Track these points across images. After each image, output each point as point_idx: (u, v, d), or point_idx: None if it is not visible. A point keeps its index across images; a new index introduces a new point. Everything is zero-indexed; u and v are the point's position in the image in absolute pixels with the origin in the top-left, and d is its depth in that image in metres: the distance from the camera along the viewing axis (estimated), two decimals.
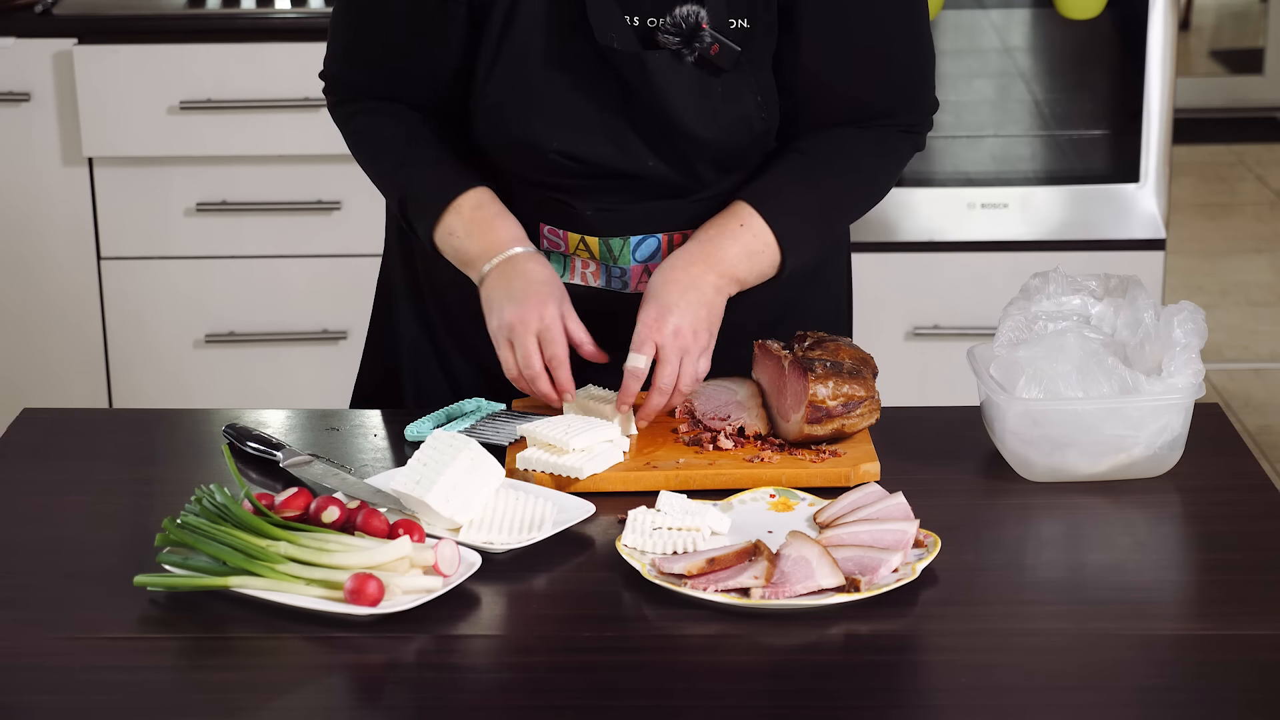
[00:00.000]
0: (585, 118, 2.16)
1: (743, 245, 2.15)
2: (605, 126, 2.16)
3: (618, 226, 2.22)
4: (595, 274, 2.25)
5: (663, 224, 2.22)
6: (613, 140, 2.17)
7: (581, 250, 2.24)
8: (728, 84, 2.15)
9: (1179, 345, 2.08)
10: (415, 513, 1.96)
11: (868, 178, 2.26)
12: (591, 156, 2.17)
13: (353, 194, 3.81)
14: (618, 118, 2.16)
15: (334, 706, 1.72)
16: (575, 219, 2.22)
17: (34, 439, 2.23)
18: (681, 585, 1.84)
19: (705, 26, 2.11)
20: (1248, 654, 1.76)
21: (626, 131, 2.16)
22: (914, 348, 3.93)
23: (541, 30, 2.13)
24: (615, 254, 2.23)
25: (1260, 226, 6.00)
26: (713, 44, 2.11)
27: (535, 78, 2.15)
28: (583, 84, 2.15)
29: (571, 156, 2.17)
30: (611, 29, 2.12)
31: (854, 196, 2.26)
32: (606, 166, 2.18)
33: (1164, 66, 3.80)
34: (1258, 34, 7.25)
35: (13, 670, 1.76)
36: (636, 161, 2.18)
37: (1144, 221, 3.87)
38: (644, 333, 2.10)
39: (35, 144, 3.78)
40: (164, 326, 3.88)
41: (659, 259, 2.23)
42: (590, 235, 2.22)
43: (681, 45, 2.11)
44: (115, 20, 3.78)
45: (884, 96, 2.22)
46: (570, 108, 2.16)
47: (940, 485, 2.08)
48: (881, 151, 2.24)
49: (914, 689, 1.73)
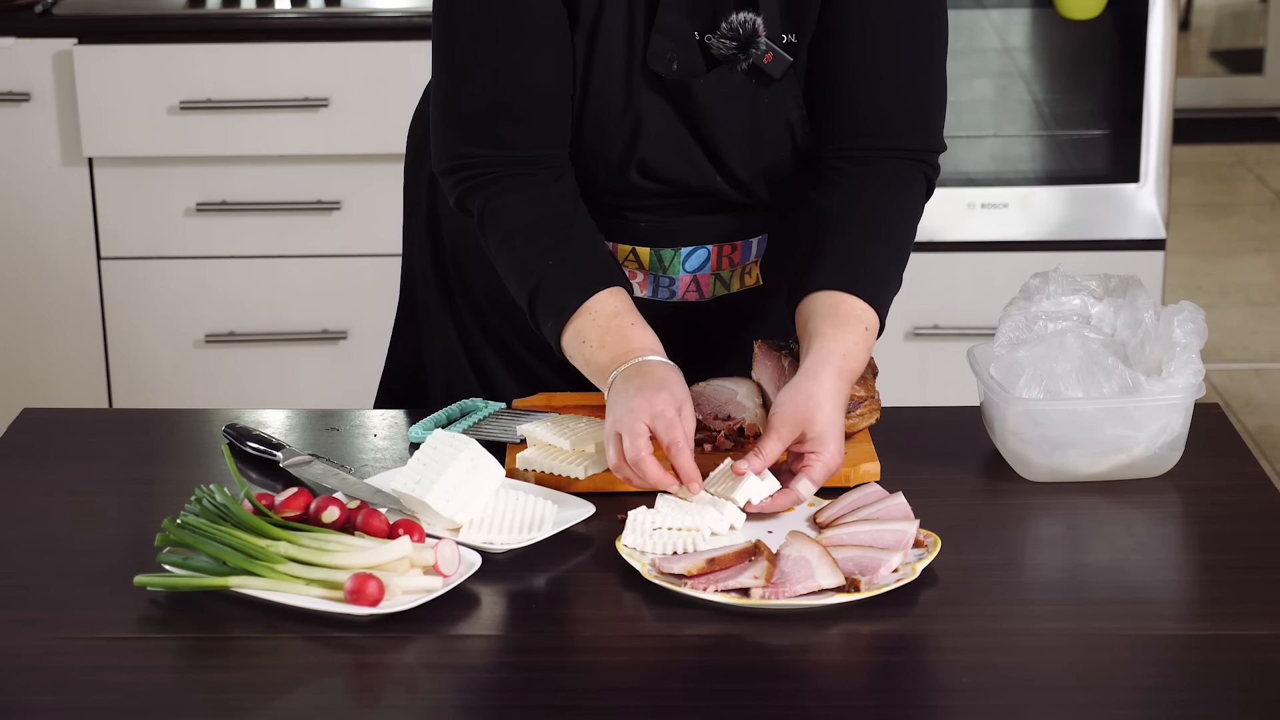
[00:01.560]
0: (658, 135, 2.16)
1: (865, 345, 2.08)
2: (678, 145, 2.17)
3: (669, 238, 2.23)
4: (643, 285, 2.26)
5: (714, 235, 2.24)
6: (686, 157, 2.17)
7: (630, 260, 2.24)
8: (774, 96, 2.15)
9: (1179, 345, 2.08)
10: (415, 513, 1.96)
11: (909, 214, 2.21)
12: (667, 173, 2.18)
13: (353, 194, 3.80)
14: (686, 136, 2.17)
15: (334, 706, 1.72)
16: (629, 230, 2.23)
17: (34, 439, 2.23)
18: (681, 585, 1.84)
19: (761, 34, 2.11)
20: (1248, 654, 1.76)
21: (694, 149, 2.17)
22: (914, 348, 3.93)
23: (621, 48, 2.13)
24: (665, 264, 2.24)
25: (1260, 226, 6.00)
26: (766, 52, 2.12)
27: (613, 98, 2.15)
28: (654, 104, 2.15)
29: (649, 173, 2.18)
30: (670, 52, 2.12)
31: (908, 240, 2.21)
32: (678, 182, 2.18)
33: (1164, 66, 3.80)
34: (1258, 34, 7.25)
35: (13, 670, 1.76)
36: (705, 178, 2.19)
37: (1144, 221, 3.87)
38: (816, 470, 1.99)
39: (35, 144, 3.78)
40: (164, 326, 3.88)
41: (708, 269, 2.24)
42: (641, 245, 2.23)
43: (737, 51, 2.11)
44: (115, 20, 3.77)
45: (896, 118, 2.18)
46: (645, 127, 2.16)
47: (940, 485, 2.08)
48: (904, 186, 2.19)
49: (914, 689, 1.73)
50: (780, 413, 1.99)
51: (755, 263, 2.28)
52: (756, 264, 2.28)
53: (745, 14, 2.11)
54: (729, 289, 2.28)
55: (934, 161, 2.22)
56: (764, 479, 1.97)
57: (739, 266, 2.27)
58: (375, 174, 3.78)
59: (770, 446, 1.98)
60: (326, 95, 3.73)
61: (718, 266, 2.25)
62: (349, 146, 3.77)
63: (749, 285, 2.29)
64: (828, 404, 2.00)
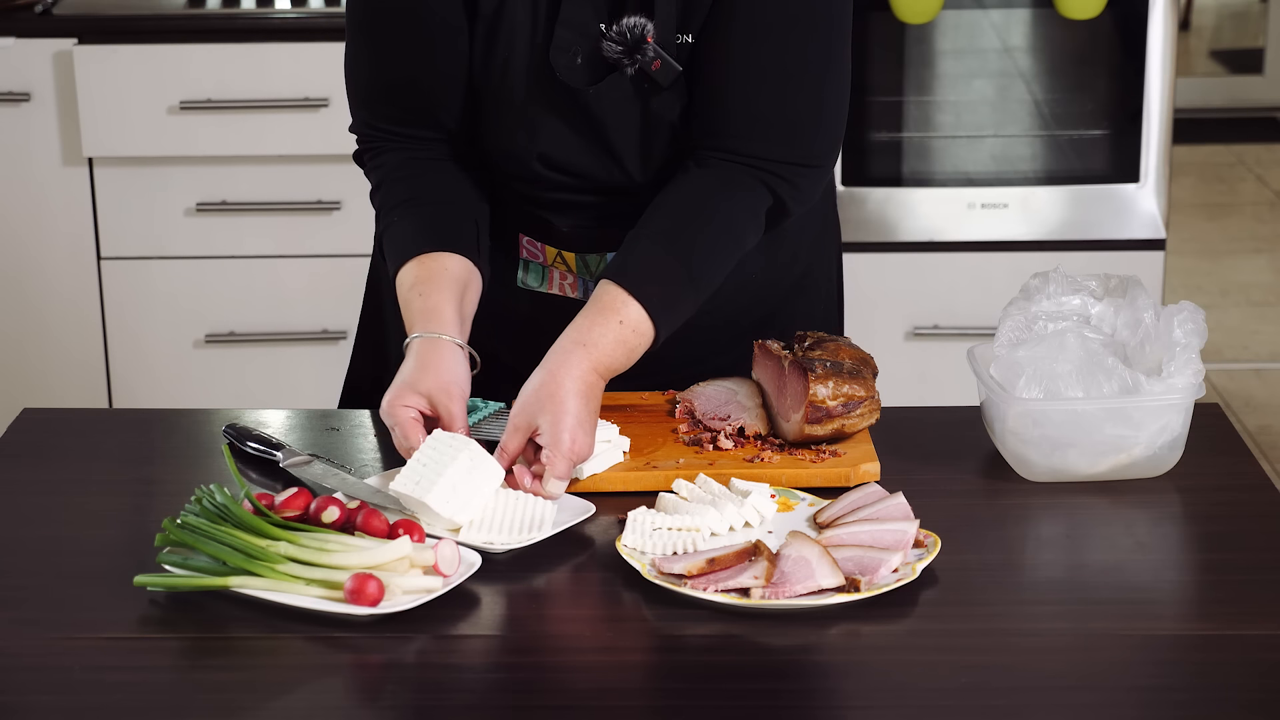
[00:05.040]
0: (562, 129, 2.16)
1: (616, 337, 2.06)
2: (583, 137, 2.17)
3: (593, 244, 2.24)
4: (573, 286, 2.27)
5: None
6: (590, 151, 2.18)
7: (559, 263, 2.26)
8: (664, 101, 2.15)
9: (1179, 345, 2.08)
10: (415, 513, 1.96)
11: (725, 227, 2.14)
12: (572, 165, 2.18)
13: (353, 194, 3.81)
14: (589, 130, 2.16)
15: (334, 706, 1.72)
16: (553, 234, 2.24)
17: (34, 439, 2.23)
18: (681, 585, 1.84)
19: (650, 40, 2.10)
20: (1248, 654, 1.76)
21: (597, 142, 2.17)
22: (914, 348, 3.93)
23: (524, 40, 2.13)
24: (591, 269, 2.25)
25: (1260, 226, 6.00)
26: (655, 59, 2.11)
27: (518, 91, 2.15)
28: (557, 101, 2.15)
29: (552, 164, 2.18)
30: (577, 44, 2.11)
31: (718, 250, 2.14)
32: (586, 175, 2.19)
33: (1164, 66, 3.80)
34: (1258, 34, 7.25)
35: (13, 670, 1.76)
36: (610, 170, 2.19)
37: (1144, 221, 3.87)
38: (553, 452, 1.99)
39: (35, 144, 3.78)
40: (164, 326, 3.88)
41: None
42: (567, 250, 2.23)
43: (623, 55, 2.11)
44: (115, 20, 3.78)
45: (745, 124, 2.12)
46: (549, 119, 2.16)
47: (940, 485, 2.08)
48: (733, 196, 2.14)
49: (914, 689, 1.73)
50: (516, 405, 2.03)
51: None
52: None
53: (636, 18, 2.09)
54: None
55: (788, 175, 2.13)
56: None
57: None
58: None
59: (507, 440, 2.01)
60: (326, 95, 3.73)
61: None
62: (349, 146, 3.74)
63: None
64: (558, 392, 2.01)
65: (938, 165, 3.91)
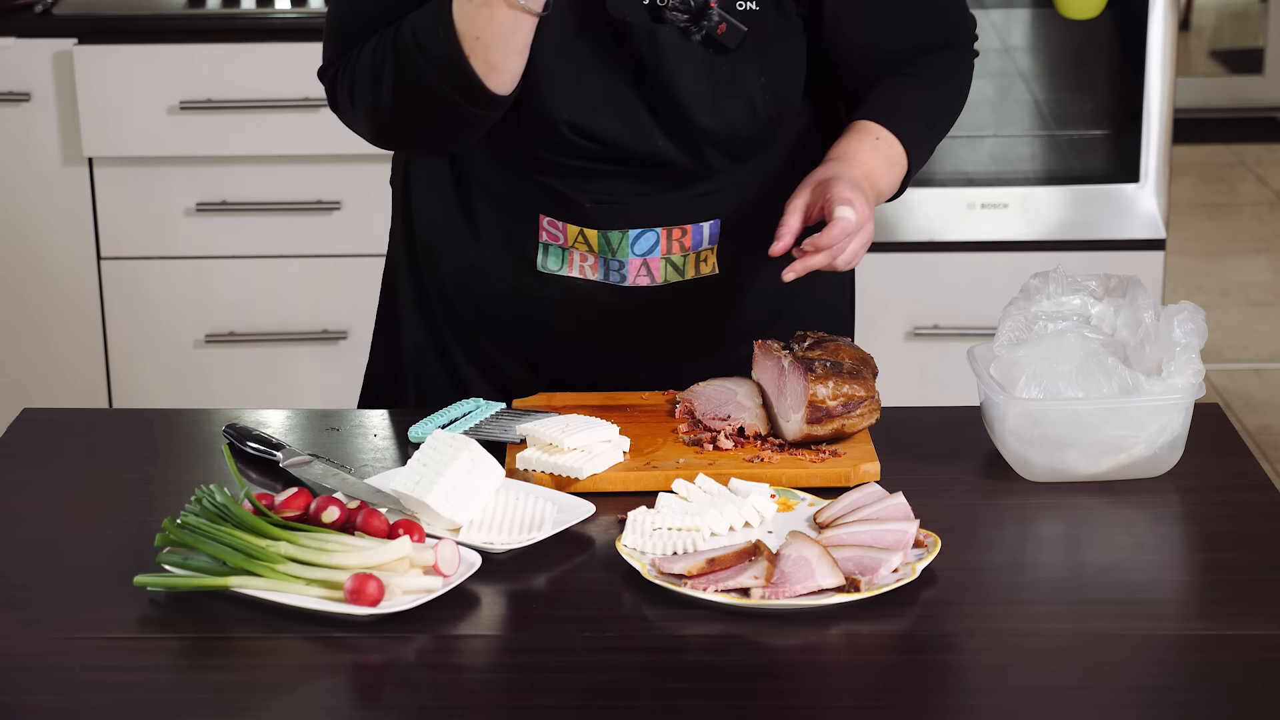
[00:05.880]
0: (597, 92, 2.16)
1: (883, 157, 2.19)
2: (616, 102, 2.16)
3: (616, 219, 2.22)
4: (594, 267, 2.25)
5: (662, 218, 2.23)
6: (623, 117, 2.17)
7: (580, 243, 2.24)
8: (733, 66, 2.16)
9: (1179, 345, 2.08)
10: (415, 513, 1.96)
11: (957, 87, 2.32)
12: (600, 132, 2.17)
13: (353, 194, 3.81)
14: (629, 95, 2.16)
15: (334, 706, 1.72)
16: (575, 210, 2.23)
17: (34, 439, 2.23)
18: (681, 585, 1.84)
19: (713, 5, 2.11)
20: (1248, 654, 1.76)
21: (637, 109, 2.17)
22: (914, 348, 3.93)
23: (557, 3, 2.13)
24: (614, 247, 2.23)
25: (1260, 226, 6.00)
26: (720, 23, 2.12)
27: (548, 50, 2.14)
28: (596, 59, 2.15)
29: (581, 130, 2.17)
30: (625, 3, 2.12)
31: (951, 104, 2.32)
32: (615, 144, 2.18)
33: (1164, 66, 3.80)
34: (1258, 34, 7.25)
35: (13, 670, 1.76)
36: (645, 141, 2.18)
37: (1144, 221, 3.87)
38: (849, 193, 2.08)
39: (35, 144, 3.78)
40: (164, 326, 3.88)
41: (657, 253, 2.24)
42: (589, 228, 2.23)
43: (689, 23, 2.12)
44: (115, 20, 3.78)
45: (933, 29, 2.27)
46: (582, 82, 2.15)
47: (940, 485, 2.08)
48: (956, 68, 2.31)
49: (914, 689, 1.73)
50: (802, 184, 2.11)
51: (710, 250, 2.27)
52: (712, 251, 2.27)
53: None
54: (683, 275, 2.27)
55: (975, 40, 2.32)
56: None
57: (691, 252, 2.26)
58: (375, 174, 3.78)
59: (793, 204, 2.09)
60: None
61: (668, 250, 2.25)
62: (349, 146, 3.75)
63: (705, 274, 2.29)
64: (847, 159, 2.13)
65: (938, 165, 3.91)
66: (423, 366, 2.38)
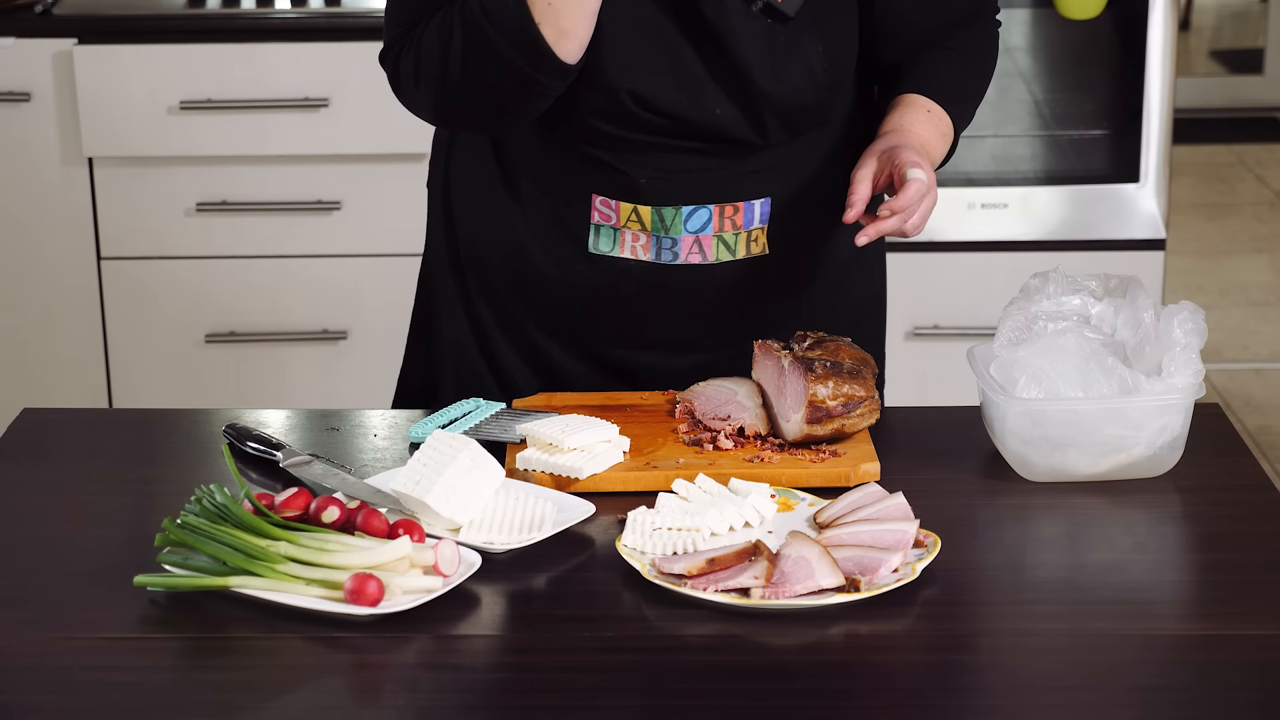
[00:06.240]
0: (657, 60, 2.17)
1: (936, 129, 2.26)
2: (678, 70, 2.17)
3: (670, 195, 2.23)
4: (645, 247, 2.26)
5: (715, 195, 2.24)
6: (684, 86, 2.18)
7: (633, 221, 2.24)
8: (791, 34, 2.17)
9: (1179, 345, 2.08)
10: (415, 513, 1.96)
11: (988, 58, 2.38)
12: (661, 101, 2.18)
13: (353, 194, 3.81)
14: (691, 62, 2.17)
15: (334, 706, 1.72)
16: (628, 187, 2.23)
17: (34, 439, 2.23)
18: (681, 585, 1.84)
19: None
20: (1248, 654, 1.76)
21: (698, 76, 2.18)
22: (914, 348, 3.93)
23: None
24: (667, 224, 2.24)
25: (1260, 226, 6.00)
26: None
27: (611, 19, 2.14)
28: (658, 28, 2.16)
29: (642, 100, 2.17)
30: None
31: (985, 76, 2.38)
32: (674, 114, 2.18)
33: (1164, 66, 3.80)
34: (1258, 34, 7.25)
35: (13, 670, 1.76)
36: (704, 110, 2.18)
37: (1144, 221, 3.87)
38: (916, 158, 2.14)
39: (35, 144, 3.78)
40: (164, 326, 3.88)
41: (709, 230, 2.25)
42: (642, 205, 2.23)
43: None
44: (115, 20, 3.78)
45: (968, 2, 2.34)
46: (643, 49, 2.16)
47: (940, 485, 2.08)
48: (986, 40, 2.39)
49: (914, 689, 1.73)
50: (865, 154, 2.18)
51: (761, 229, 2.28)
52: (762, 231, 2.28)
53: None
54: (734, 254, 2.28)
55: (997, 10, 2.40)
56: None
57: (743, 231, 2.27)
58: (375, 174, 3.78)
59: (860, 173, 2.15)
60: (326, 95, 3.73)
61: (720, 228, 2.25)
62: (349, 146, 3.77)
63: (755, 253, 2.29)
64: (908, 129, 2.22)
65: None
66: (462, 364, 2.38)
